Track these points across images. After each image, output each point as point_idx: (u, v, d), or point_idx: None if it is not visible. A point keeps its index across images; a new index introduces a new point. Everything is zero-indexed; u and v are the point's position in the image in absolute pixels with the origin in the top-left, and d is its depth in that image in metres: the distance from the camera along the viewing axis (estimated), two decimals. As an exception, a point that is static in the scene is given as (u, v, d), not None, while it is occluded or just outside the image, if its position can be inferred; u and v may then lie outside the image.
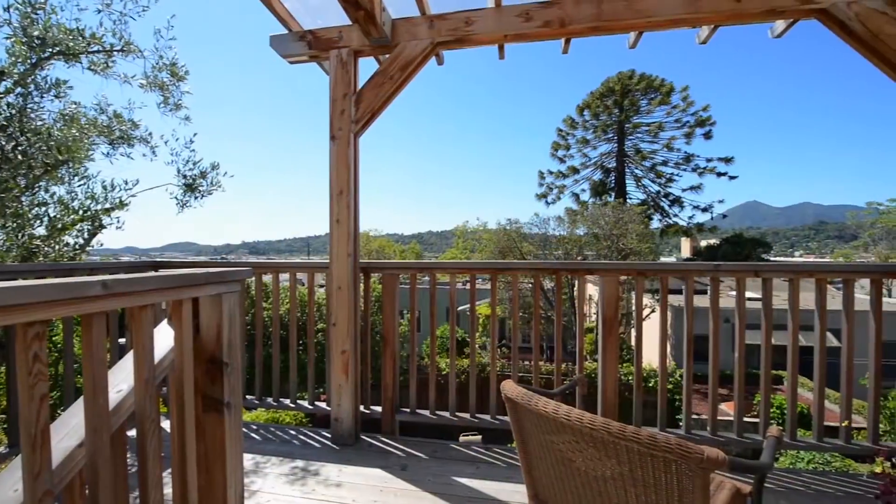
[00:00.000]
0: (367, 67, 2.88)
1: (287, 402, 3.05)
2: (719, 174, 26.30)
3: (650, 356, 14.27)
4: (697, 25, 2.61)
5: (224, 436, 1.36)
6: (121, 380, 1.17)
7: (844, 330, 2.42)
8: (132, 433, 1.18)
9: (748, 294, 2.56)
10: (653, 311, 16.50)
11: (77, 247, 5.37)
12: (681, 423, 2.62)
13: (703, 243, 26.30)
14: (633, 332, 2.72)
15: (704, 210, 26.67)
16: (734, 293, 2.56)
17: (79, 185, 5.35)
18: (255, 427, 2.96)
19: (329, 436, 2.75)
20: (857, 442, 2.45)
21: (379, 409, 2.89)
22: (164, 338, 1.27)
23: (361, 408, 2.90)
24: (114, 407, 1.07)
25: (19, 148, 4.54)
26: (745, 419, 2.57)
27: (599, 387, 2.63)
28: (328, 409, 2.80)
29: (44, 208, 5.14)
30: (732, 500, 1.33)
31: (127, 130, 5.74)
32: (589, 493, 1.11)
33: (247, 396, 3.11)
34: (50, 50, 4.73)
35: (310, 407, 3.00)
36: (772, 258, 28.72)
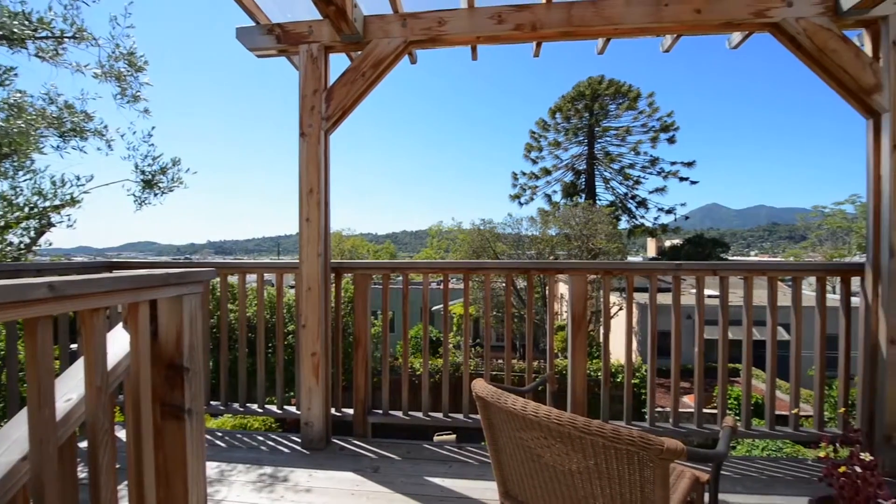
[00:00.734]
0: (339, 63, 2.83)
1: (255, 407, 2.96)
2: (682, 178, 27.52)
3: (619, 352, 14.75)
4: (661, 34, 2.71)
5: (185, 444, 1.30)
6: (70, 388, 1.10)
7: (793, 324, 2.58)
8: (85, 444, 1.11)
9: (707, 292, 2.69)
10: (620, 308, 17.07)
11: (23, 246, 5.01)
12: (646, 416, 2.72)
13: (668, 243, 27.45)
14: (602, 330, 2.81)
15: (668, 212, 27.88)
16: (695, 291, 2.69)
17: (24, 180, 4.99)
18: (220, 434, 2.86)
19: (299, 440, 2.69)
20: (805, 429, 2.62)
21: (351, 411, 2.85)
22: (118, 343, 1.21)
23: (333, 410, 2.85)
24: (62, 417, 1.00)
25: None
26: (705, 410, 2.70)
27: (569, 383, 2.70)
28: (298, 413, 2.73)
29: (-17, 204, 4.77)
30: (692, 487, 1.39)
31: (79, 122, 5.39)
32: (557, 486, 1.14)
33: (211, 402, 3.00)
34: (-9, 34, 4.39)
35: (279, 411, 2.92)
36: (730, 257, 30.32)
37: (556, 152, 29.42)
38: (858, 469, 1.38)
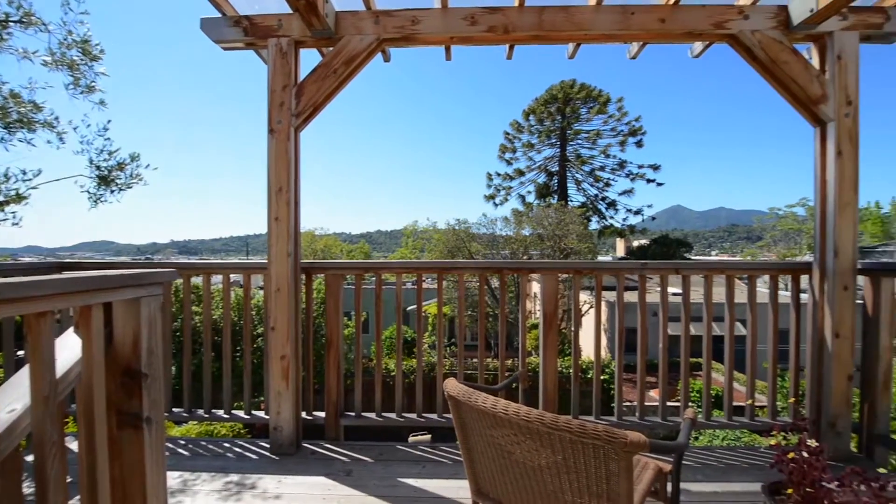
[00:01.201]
0: (309, 59, 2.77)
1: (220, 412, 2.85)
2: (649, 180, 28.59)
3: (590, 349, 15.15)
4: (628, 41, 2.81)
5: (143, 454, 1.24)
6: (15, 398, 1.03)
7: (749, 320, 2.73)
8: (32, 458, 1.04)
9: (671, 290, 2.81)
10: (591, 307, 17.54)
11: (-39, 246, 4.62)
12: (615, 411, 2.81)
13: (636, 243, 28.45)
14: (573, 328, 2.87)
15: (636, 213, 28.91)
16: (660, 289, 2.79)
17: (-38, 175, 4.61)
18: (183, 442, 2.74)
19: (268, 446, 2.61)
20: (760, 419, 2.78)
21: (323, 414, 2.79)
22: (69, 348, 1.14)
23: (304, 414, 2.78)
24: (5, 429, 0.93)
25: None
26: (669, 403, 2.81)
27: (541, 380, 2.75)
28: (267, 417, 2.66)
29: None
30: (656, 478, 1.45)
31: (27, 113, 5.04)
32: (527, 482, 1.16)
33: (174, 409, 2.87)
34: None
35: (246, 417, 2.83)
36: (693, 257, 31.73)
37: (530, 154, 29.94)
38: (805, 455, 1.47)
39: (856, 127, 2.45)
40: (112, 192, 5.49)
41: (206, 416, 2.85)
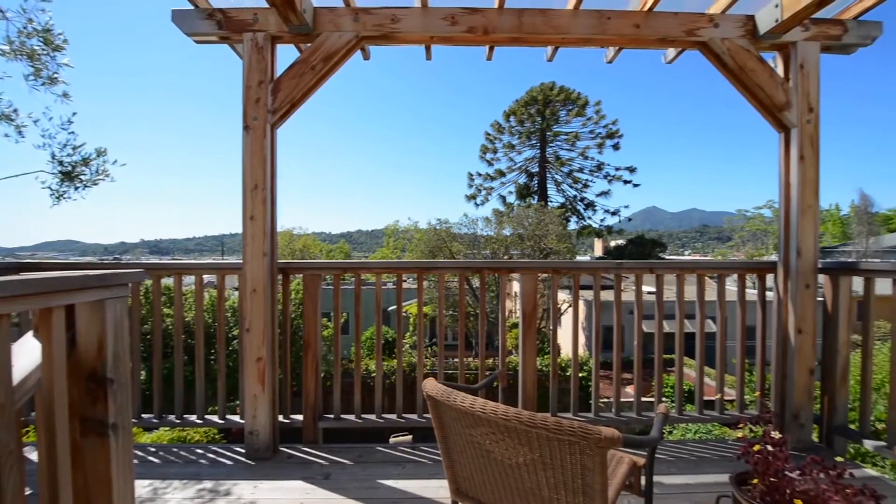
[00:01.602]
0: (286, 54, 2.72)
1: (193, 418, 2.77)
2: (625, 181, 29.31)
3: (569, 347, 15.41)
4: (605, 46, 2.87)
5: (109, 463, 1.19)
6: (-35, 407, 0.97)
7: (718, 317, 2.83)
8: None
9: (646, 288, 2.88)
10: (570, 305, 17.84)
11: None
12: (592, 407, 2.87)
13: (613, 243, 29.12)
14: (551, 326, 2.91)
15: (613, 213, 29.60)
16: (634, 288, 2.87)
17: None
18: (153, 449, 2.64)
19: (243, 451, 2.54)
20: (729, 412, 2.89)
21: (301, 417, 2.74)
22: (28, 353, 1.08)
23: (281, 418, 2.73)
24: (-46, 440, 0.88)
25: None
26: (644, 399, 2.89)
27: (520, 378, 2.78)
28: (242, 422, 2.59)
29: None
30: (630, 472, 1.48)
31: (-20, 104, 4.75)
32: (505, 480, 1.17)
33: (143, 416, 2.77)
34: None
35: (220, 421, 2.76)
36: (667, 256, 32.69)
37: (511, 154, 30.24)
38: (769, 446, 1.54)
39: (817, 133, 2.57)
40: (76, 188, 5.23)
41: (178, 421, 2.75)
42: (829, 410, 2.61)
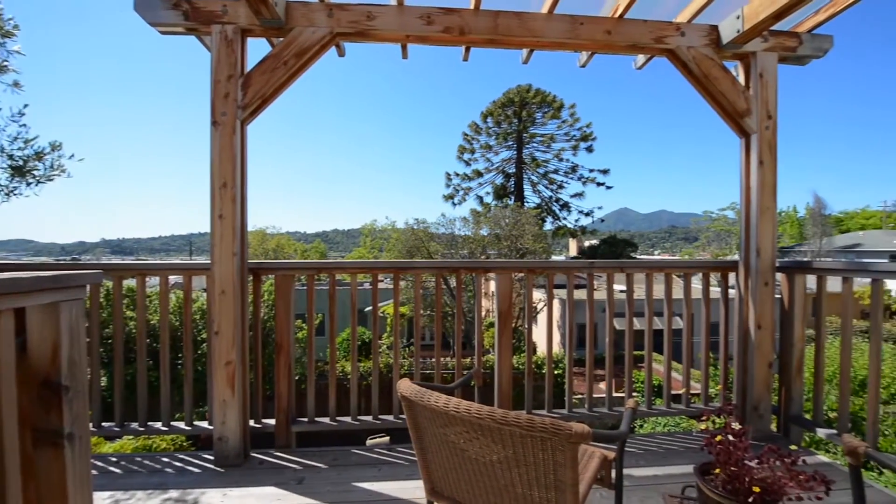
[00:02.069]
0: (258, 48, 2.64)
1: (158, 425, 2.65)
2: (598, 183, 30.08)
3: (545, 345, 15.65)
4: (578, 50, 2.93)
5: (64, 474, 1.13)
6: None
7: (685, 314, 2.94)
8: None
9: (617, 287, 2.96)
10: (545, 304, 18.14)
11: None
12: (566, 404, 2.93)
13: (587, 243, 29.83)
14: (526, 325, 2.95)
15: (587, 214, 30.34)
16: (606, 287, 2.94)
17: None
18: (115, 459, 2.51)
19: (212, 458, 2.46)
20: (695, 405, 3.01)
21: (273, 421, 2.68)
22: (-30, 360, 1.01)
23: (252, 422, 2.65)
24: None
25: None
26: (616, 394, 2.97)
27: (496, 377, 2.80)
28: (211, 428, 2.50)
29: None
30: (601, 466, 1.52)
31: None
32: (480, 478, 1.18)
33: (103, 424, 2.63)
34: None
35: (187, 428, 2.65)
36: (638, 256, 33.75)
37: (488, 155, 30.50)
38: (730, 437, 1.62)
39: (775, 139, 2.72)
40: (28, 184, 4.90)
41: (142, 429, 2.63)
42: (786, 401, 2.76)
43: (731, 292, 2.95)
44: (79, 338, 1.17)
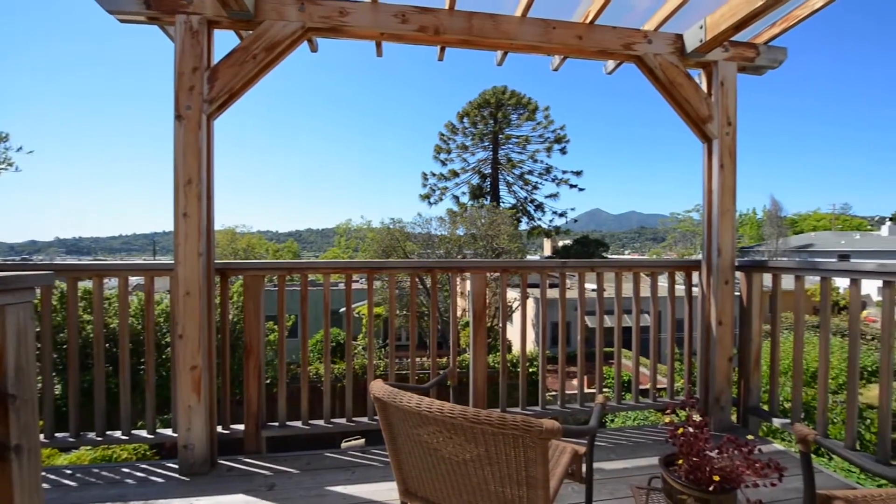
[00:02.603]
0: (225, 41, 2.55)
1: (118, 434, 2.52)
2: (572, 185, 30.78)
3: (519, 344, 15.85)
4: (551, 54, 2.98)
5: (11, 489, 1.06)
6: None
7: (652, 312, 3.05)
8: None
9: (588, 286, 3.04)
10: (519, 303, 18.38)
11: None
12: (539, 401, 2.98)
13: (561, 243, 30.47)
14: (501, 324, 2.99)
15: (561, 215, 30.99)
16: (577, 286, 3.01)
17: None
18: (69, 472, 2.37)
19: (177, 466, 2.36)
20: (662, 399, 3.12)
21: (242, 427, 2.59)
22: None
23: (220, 428, 2.57)
24: None
25: None
26: (588, 390, 3.05)
27: (471, 376, 2.82)
28: (175, 435, 2.40)
29: None
30: (572, 460, 1.56)
31: None
32: (453, 477, 1.18)
33: (56, 435, 2.48)
34: None
35: (150, 436, 2.54)
36: (610, 255, 34.74)
37: (464, 155, 30.67)
38: (692, 429, 1.69)
39: (734, 144, 2.86)
40: (-28, 180, 4.57)
41: (100, 438, 2.50)
42: (745, 393, 2.90)
43: (695, 290, 3.08)
44: (27, 343, 1.10)
